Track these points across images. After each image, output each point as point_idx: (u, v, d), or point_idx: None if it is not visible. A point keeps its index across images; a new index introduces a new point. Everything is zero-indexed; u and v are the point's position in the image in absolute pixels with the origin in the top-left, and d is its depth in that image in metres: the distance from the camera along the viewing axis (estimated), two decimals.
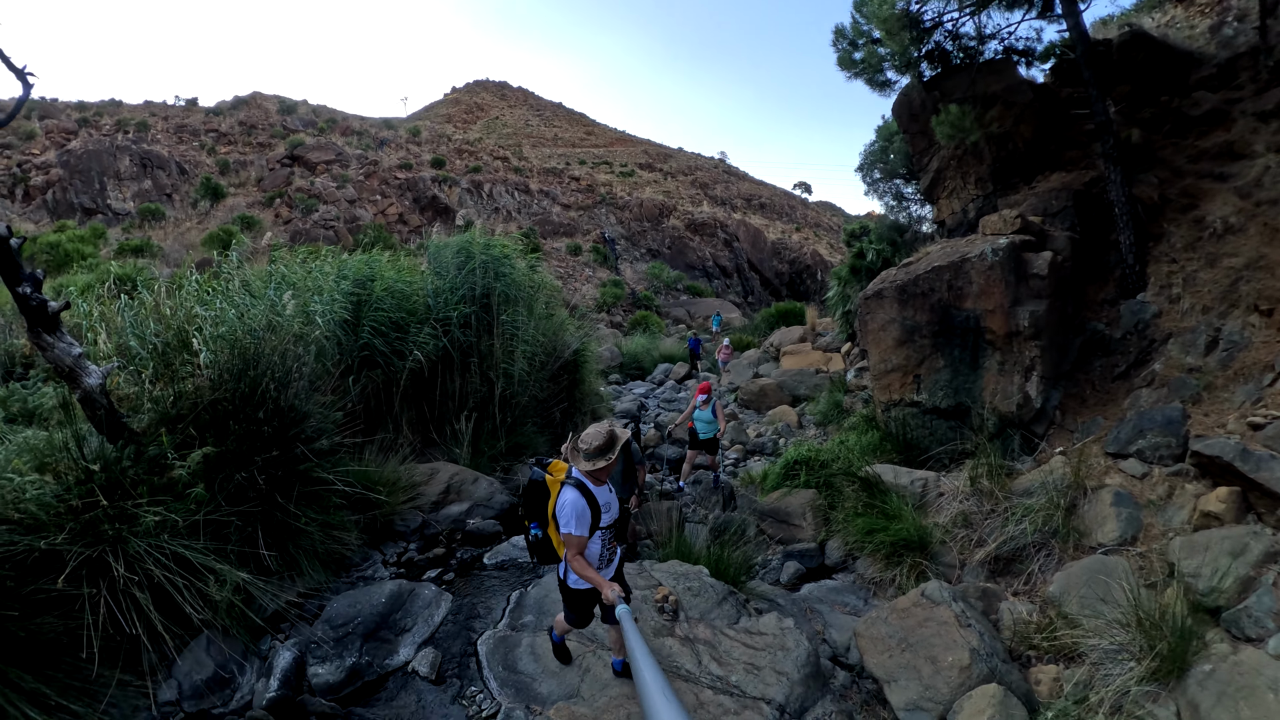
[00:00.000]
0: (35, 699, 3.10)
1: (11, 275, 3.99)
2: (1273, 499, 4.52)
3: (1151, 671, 3.59)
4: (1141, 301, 6.80)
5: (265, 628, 4.29)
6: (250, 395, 4.94)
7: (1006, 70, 8.64)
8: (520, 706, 3.72)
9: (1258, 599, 4.01)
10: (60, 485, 3.80)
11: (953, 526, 5.45)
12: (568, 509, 3.20)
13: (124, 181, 29.32)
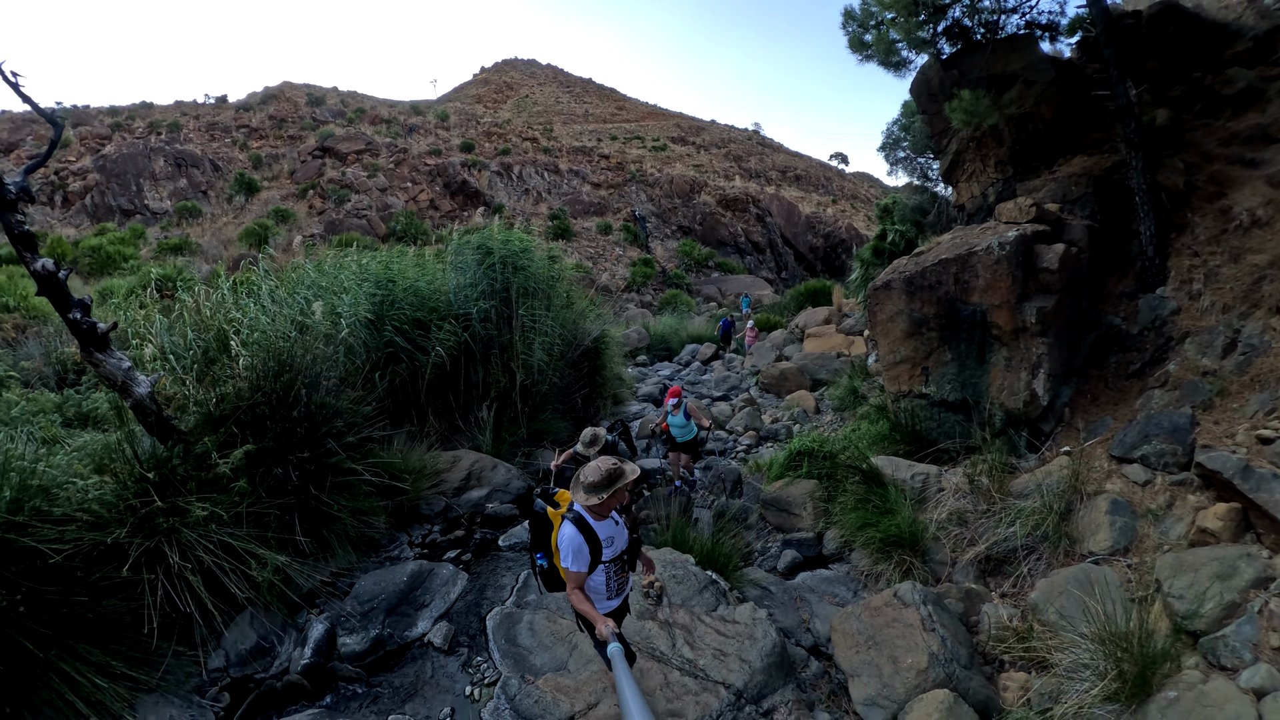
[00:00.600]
0: (102, 670, 3.63)
1: (62, 304, 4.47)
2: (1270, 521, 4.33)
3: (1113, 692, 3.58)
4: (1161, 296, 6.56)
5: (301, 604, 4.85)
6: (285, 397, 5.45)
7: (1028, 47, 8.30)
8: (517, 676, 4.16)
9: (1238, 627, 3.87)
10: (118, 485, 4.32)
11: (947, 524, 5.45)
12: (564, 544, 3.19)
13: (160, 181, 30.45)
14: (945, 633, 3.86)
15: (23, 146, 33.33)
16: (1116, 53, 6.53)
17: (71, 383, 7.77)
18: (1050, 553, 4.95)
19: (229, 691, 4.19)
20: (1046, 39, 8.86)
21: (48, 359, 7.80)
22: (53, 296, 4.48)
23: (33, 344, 8.32)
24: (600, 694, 3.87)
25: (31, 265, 4.32)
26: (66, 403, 6.44)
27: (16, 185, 4.46)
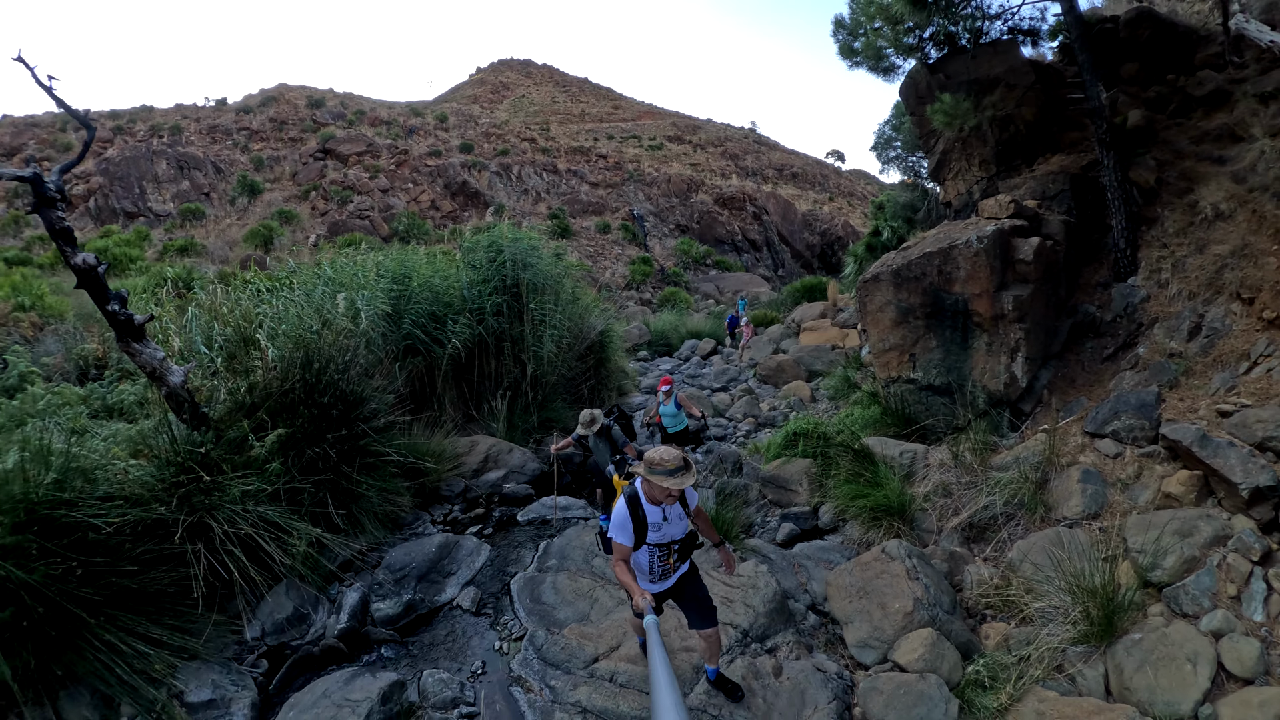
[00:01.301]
0: (145, 638, 3.91)
1: (101, 296, 4.75)
2: (1229, 485, 4.78)
3: (1083, 635, 4.03)
4: (1132, 285, 7.03)
5: (335, 575, 5.24)
6: (316, 384, 5.86)
7: (1010, 51, 8.76)
8: (542, 629, 4.59)
9: (1197, 578, 4.31)
10: (156, 467, 4.60)
11: (933, 495, 5.90)
12: (614, 515, 3.39)
13: (163, 184, 30.81)
14: (928, 581, 4.31)
15: (25, 150, 33.64)
16: (1090, 58, 6.99)
17: (93, 378, 8.03)
18: (1027, 519, 5.40)
19: (267, 658, 4.44)
20: (1028, 43, 9.32)
21: (68, 355, 8.10)
22: (91, 289, 4.72)
23: (51, 341, 8.64)
24: (621, 638, 4.30)
25: (72, 259, 4.57)
26: (91, 395, 6.69)
27: (55, 184, 4.72)
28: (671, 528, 3.46)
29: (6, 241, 21.27)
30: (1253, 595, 4.19)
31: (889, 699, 3.51)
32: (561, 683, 4.03)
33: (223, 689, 3.93)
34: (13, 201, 26.70)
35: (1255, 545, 4.36)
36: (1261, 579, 4.23)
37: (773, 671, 3.82)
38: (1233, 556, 4.41)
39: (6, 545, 3.63)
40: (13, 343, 8.27)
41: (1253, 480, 4.56)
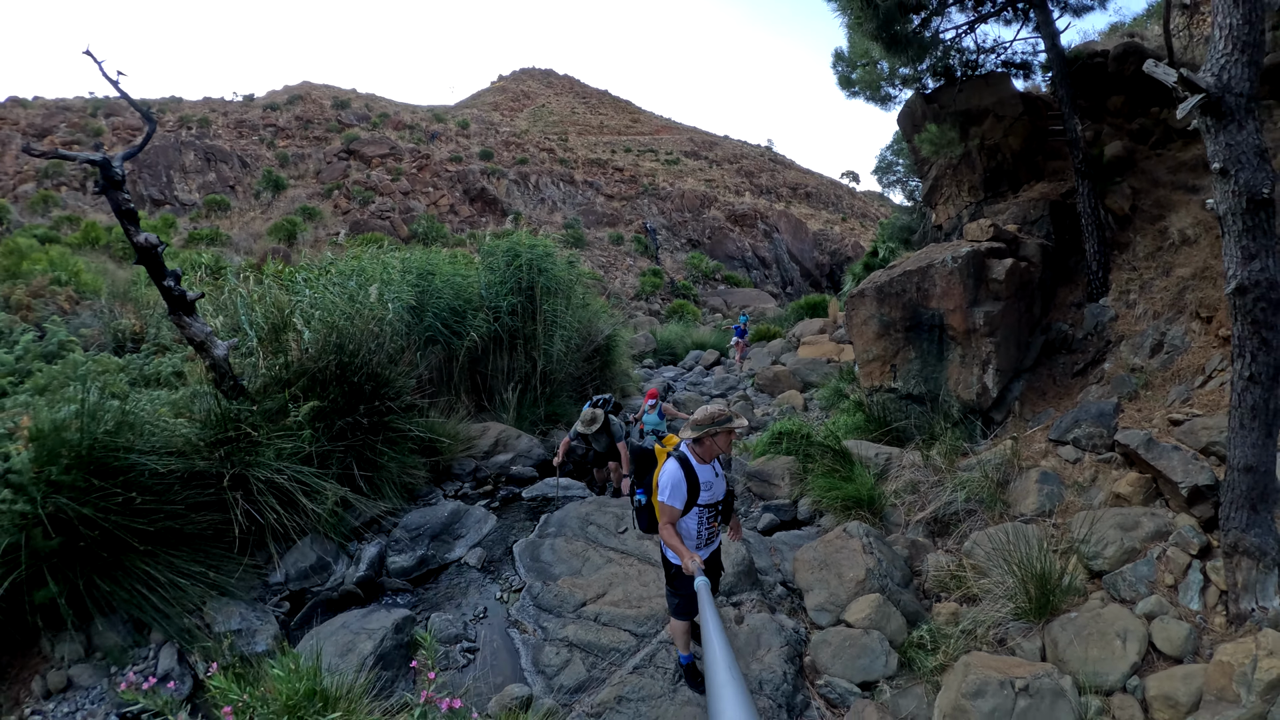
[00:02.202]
0: (181, 573, 4.47)
1: (158, 273, 5.38)
2: (1172, 485, 5.21)
3: (1023, 612, 4.46)
4: (1103, 305, 7.48)
5: (358, 532, 5.88)
6: (349, 364, 6.58)
7: (1001, 84, 9.27)
8: (539, 582, 5.21)
9: (1135, 567, 4.70)
10: (195, 428, 5.15)
11: (903, 492, 6.36)
12: (665, 478, 3.41)
13: (189, 174, 31.84)
14: (881, 556, 4.78)
15: (56, 132, 34.81)
16: (1069, 91, 7.50)
17: (130, 350, 8.60)
18: (987, 515, 5.84)
19: (289, 601, 4.99)
20: (1021, 76, 9.84)
21: (105, 329, 8.70)
22: (150, 266, 5.33)
23: (87, 315, 9.22)
24: (607, 586, 4.91)
25: (134, 238, 5.19)
26: (130, 366, 7.33)
27: (119, 169, 5.28)
28: (718, 486, 3.59)
29: (35, 220, 22.13)
30: (1190, 585, 4.55)
31: (836, 650, 3.98)
32: (552, 624, 4.59)
33: (248, 621, 4.46)
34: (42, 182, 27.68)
35: (1194, 540, 4.71)
36: (1199, 571, 4.59)
37: (735, 620, 4.32)
38: (1172, 550, 4.80)
39: (62, 482, 4.17)
40: (51, 314, 8.89)
41: (1192, 480, 4.97)
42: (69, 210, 24.79)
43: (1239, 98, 3.64)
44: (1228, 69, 3.66)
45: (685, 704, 3.74)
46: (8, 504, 3.98)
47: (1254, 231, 3.71)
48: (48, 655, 4.17)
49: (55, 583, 4.01)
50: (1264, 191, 3.63)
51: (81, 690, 4.02)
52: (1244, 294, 3.83)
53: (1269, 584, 4.15)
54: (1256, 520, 4.20)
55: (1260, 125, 3.73)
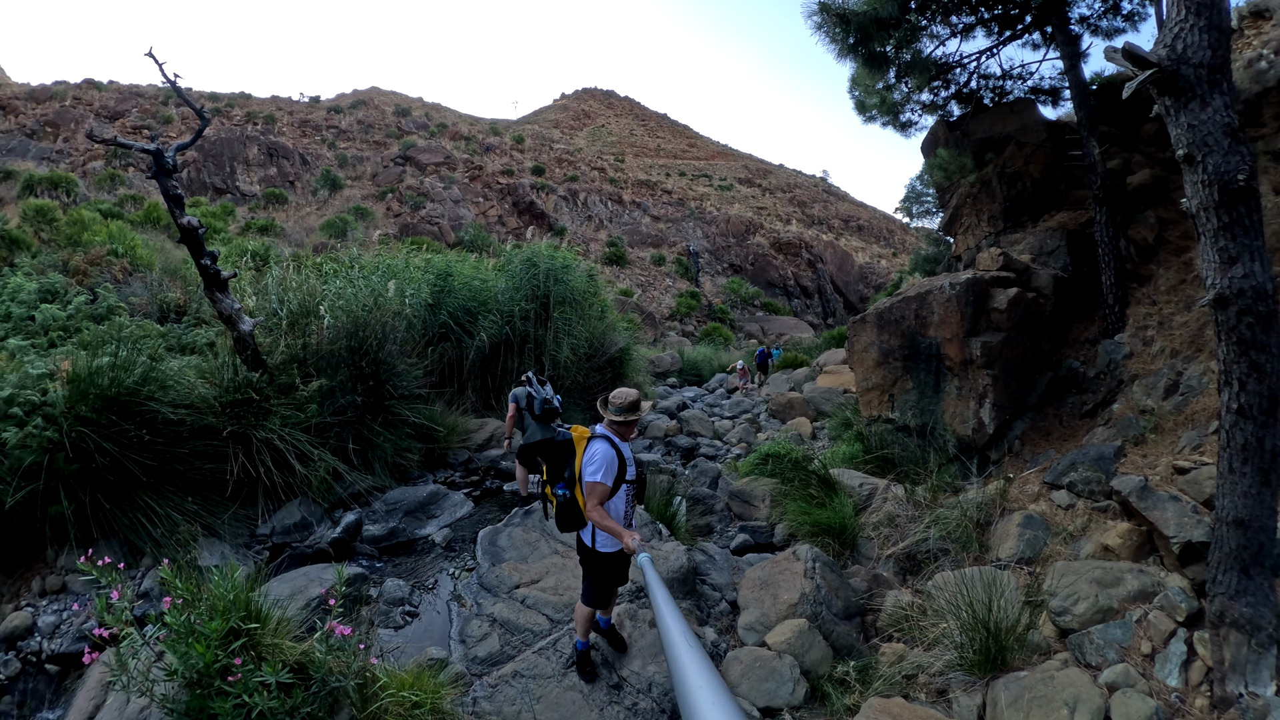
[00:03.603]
0: (180, 510, 5.10)
1: (197, 252, 5.98)
2: (1165, 540, 4.70)
3: (970, 664, 4.06)
4: (1117, 342, 6.98)
5: (344, 502, 6.33)
6: (359, 349, 7.16)
7: (1026, 110, 8.89)
8: (489, 563, 5.47)
9: (1106, 629, 4.21)
10: (216, 390, 5.81)
11: (880, 525, 6.00)
12: (598, 458, 3.38)
13: (251, 167, 33.52)
14: (821, 582, 4.48)
15: (127, 116, 37.24)
16: (1088, 115, 7.11)
17: (173, 320, 9.37)
18: (964, 556, 5.44)
19: (269, 550, 5.51)
20: (1049, 103, 9.43)
21: (152, 299, 9.30)
22: (191, 246, 5.99)
23: (138, 286, 9.89)
24: (543, 574, 5.14)
25: (179, 220, 5.88)
26: (170, 333, 7.94)
27: (171, 159, 6.02)
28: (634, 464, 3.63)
29: (101, 195, 23.58)
30: (1170, 657, 4.03)
31: (745, 669, 3.75)
32: (486, 601, 4.90)
33: (228, 560, 4.91)
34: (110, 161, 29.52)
35: (1182, 604, 4.19)
36: (1184, 641, 4.05)
37: (649, 622, 4.24)
38: (1155, 614, 4.29)
39: (88, 418, 4.92)
40: (104, 281, 9.53)
41: (1185, 534, 4.46)
42: (134, 190, 26.38)
43: (1198, 69, 3.17)
44: (1182, 37, 3.21)
45: (569, 689, 3.81)
46: (39, 430, 4.72)
47: (1233, 229, 3.17)
48: (50, 563, 4.86)
49: (68, 500, 4.74)
50: (1239, 178, 3.11)
51: (72, 595, 4.69)
52: (1225, 306, 3.28)
53: (1262, 666, 3.57)
54: (1249, 586, 3.63)
55: (1230, 101, 3.21)
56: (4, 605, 4.61)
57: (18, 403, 5.05)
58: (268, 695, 2.98)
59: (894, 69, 7.83)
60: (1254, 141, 7.54)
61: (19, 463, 4.63)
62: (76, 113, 34.71)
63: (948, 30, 8.32)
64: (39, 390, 5.19)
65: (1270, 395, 3.27)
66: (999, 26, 8.42)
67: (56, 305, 8.29)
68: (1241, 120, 8.07)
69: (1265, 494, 3.45)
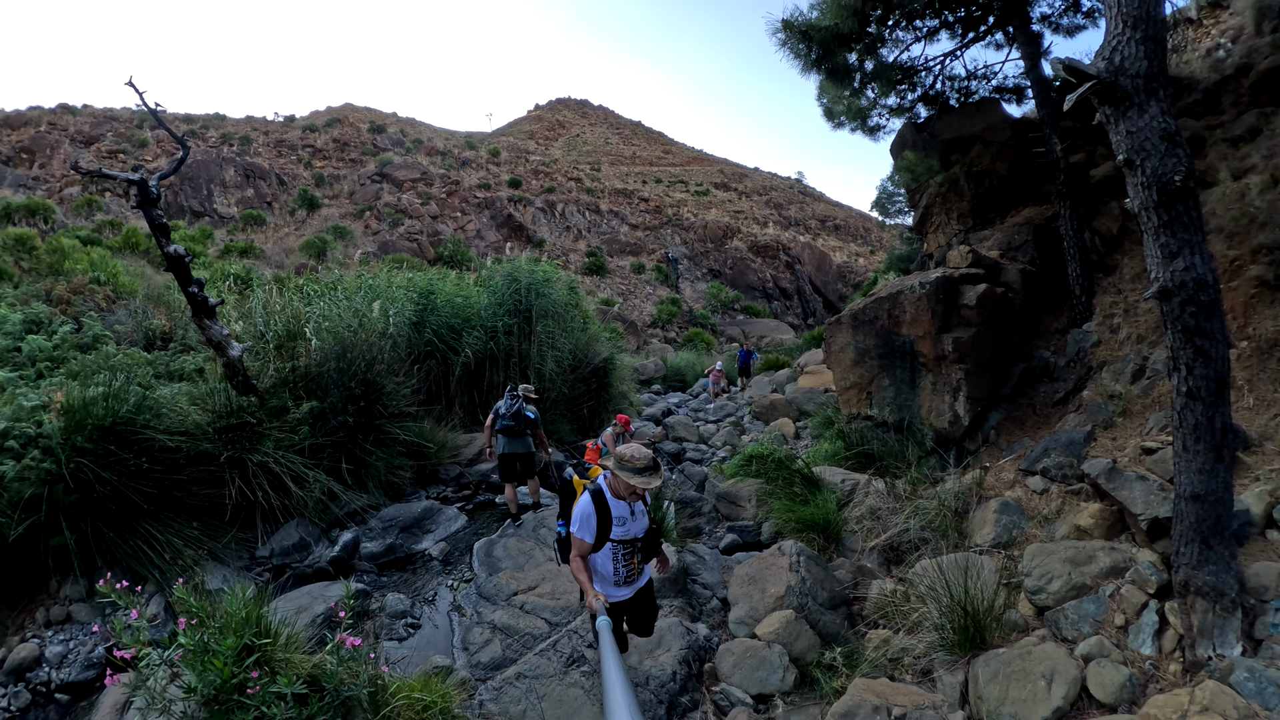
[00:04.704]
0: (181, 535, 5.18)
1: (184, 280, 6.02)
2: (1133, 516, 4.94)
3: (951, 645, 4.25)
4: (1085, 331, 7.25)
5: (341, 521, 6.46)
6: (347, 370, 7.26)
7: (991, 109, 9.19)
8: (486, 573, 5.69)
9: (1080, 604, 4.38)
10: (208, 416, 5.87)
11: (863, 519, 6.20)
12: (578, 511, 3.37)
13: (229, 189, 33.27)
14: (806, 575, 4.66)
15: (103, 140, 36.78)
16: (1049, 112, 7.39)
17: (159, 347, 9.31)
18: (944, 543, 5.63)
19: (270, 572, 5.62)
20: (1014, 101, 9.75)
21: (137, 327, 9.29)
22: (178, 273, 6.03)
23: (122, 314, 9.85)
24: (540, 580, 5.29)
25: (165, 248, 5.93)
26: (157, 361, 7.95)
27: (155, 188, 6.13)
28: (635, 524, 3.46)
29: (79, 222, 23.34)
30: (1142, 628, 4.18)
31: (737, 659, 3.92)
32: (485, 609, 5.00)
33: (231, 582, 4.93)
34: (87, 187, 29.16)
35: (1152, 578, 4.34)
36: (1155, 612, 4.21)
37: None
38: (1128, 588, 4.46)
39: (85, 448, 4.99)
40: (88, 310, 9.51)
41: (1152, 511, 4.64)
42: (112, 215, 26.07)
43: (1135, 79, 3.39)
44: (1120, 50, 3.42)
45: (570, 685, 3.96)
46: (36, 462, 4.78)
47: (1173, 226, 3.42)
48: (53, 594, 4.91)
49: (70, 531, 4.81)
50: (1175, 179, 3.35)
51: (78, 624, 4.76)
52: (1169, 298, 3.52)
53: (1228, 630, 3.76)
54: (1210, 556, 3.84)
55: (1167, 106, 3.45)
56: (10, 638, 4.67)
57: (13, 435, 5.07)
58: (285, 707, 3.08)
59: (859, 77, 8.07)
60: (1213, 129, 7.86)
61: (18, 495, 4.68)
62: (52, 138, 34.22)
63: (912, 35, 8.59)
64: (34, 422, 5.22)
65: (1217, 377, 3.52)
66: (962, 29, 8.70)
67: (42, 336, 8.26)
68: (1201, 109, 8.39)
69: (1219, 469, 3.68)
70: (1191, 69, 9.33)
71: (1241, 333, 5.85)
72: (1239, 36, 8.91)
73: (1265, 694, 3.18)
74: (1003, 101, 9.41)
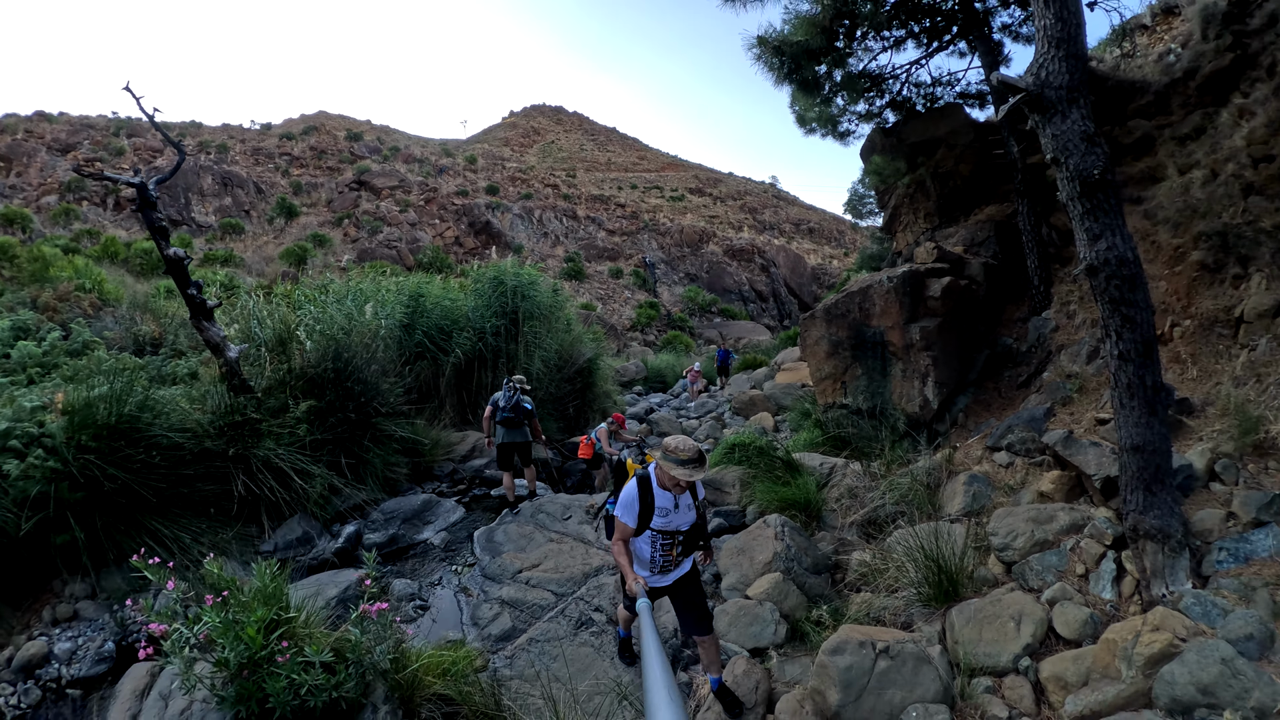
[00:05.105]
0: (187, 530, 5.32)
1: (183, 282, 6.19)
2: (1088, 478, 5.42)
3: (927, 599, 4.65)
4: (1045, 318, 7.76)
5: (342, 515, 6.69)
6: (344, 370, 7.49)
7: (954, 114, 9.72)
8: (488, 556, 5.98)
9: (1043, 556, 4.80)
10: (208, 416, 6.04)
11: (842, 497, 6.58)
12: (623, 495, 3.45)
13: (206, 197, 32.96)
14: (791, 543, 5.04)
15: (80, 148, 36.18)
16: (1008, 118, 7.91)
17: (150, 353, 9.45)
18: (918, 515, 6.04)
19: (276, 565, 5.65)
20: (976, 106, 10.29)
21: (126, 333, 9.38)
22: (177, 276, 6.20)
23: (109, 321, 9.95)
24: (542, 559, 5.61)
25: (165, 251, 6.13)
26: (149, 365, 8.06)
27: (154, 192, 6.25)
28: (679, 517, 3.47)
29: (57, 231, 23.02)
30: (1102, 575, 4.57)
31: (733, 618, 4.25)
32: (492, 588, 5.27)
33: (239, 577, 4.96)
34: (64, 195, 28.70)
35: (1108, 531, 4.75)
36: (1113, 561, 4.61)
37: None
38: (1086, 541, 4.87)
39: (90, 446, 5.14)
40: (75, 317, 9.59)
41: (1104, 471, 5.09)
42: (89, 224, 25.73)
43: (1059, 90, 3.87)
44: (1045, 66, 3.91)
45: (581, 645, 4.26)
46: (40, 460, 4.89)
47: (1095, 212, 3.92)
48: (58, 592, 4.99)
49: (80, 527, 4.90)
50: (1094, 173, 3.83)
51: (85, 621, 4.81)
52: (1095, 274, 4.00)
53: (1178, 569, 4.13)
54: (1154, 501, 4.22)
55: (1087, 112, 3.96)
56: (16, 636, 4.72)
57: (15, 435, 5.16)
58: (315, 672, 3.30)
59: (828, 86, 8.53)
60: (1163, 129, 8.40)
61: (24, 493, 4.78)
62: (28, 146, 33.57)
63: (880, 44, 9.07)
64: (35, 423, 5.33)
65: (1143, 340, 4.01)
66: (927, 38, 9.22)
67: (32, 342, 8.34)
68: (1153, 110, 8.95)
69: (1154, 422, 4.13)
70: (1144, 73, 9.92)
71: (1185, 312, 6.38)
72: (1188, 42, 9.48)
73: (1210, 615, 3.62)
74: (966, 106, 9.93)
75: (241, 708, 3.30)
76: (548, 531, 6.24)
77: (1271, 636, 3.38)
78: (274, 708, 3.23)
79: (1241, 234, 6.05)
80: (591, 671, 3.90)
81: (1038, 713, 3.66)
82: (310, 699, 3.25)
